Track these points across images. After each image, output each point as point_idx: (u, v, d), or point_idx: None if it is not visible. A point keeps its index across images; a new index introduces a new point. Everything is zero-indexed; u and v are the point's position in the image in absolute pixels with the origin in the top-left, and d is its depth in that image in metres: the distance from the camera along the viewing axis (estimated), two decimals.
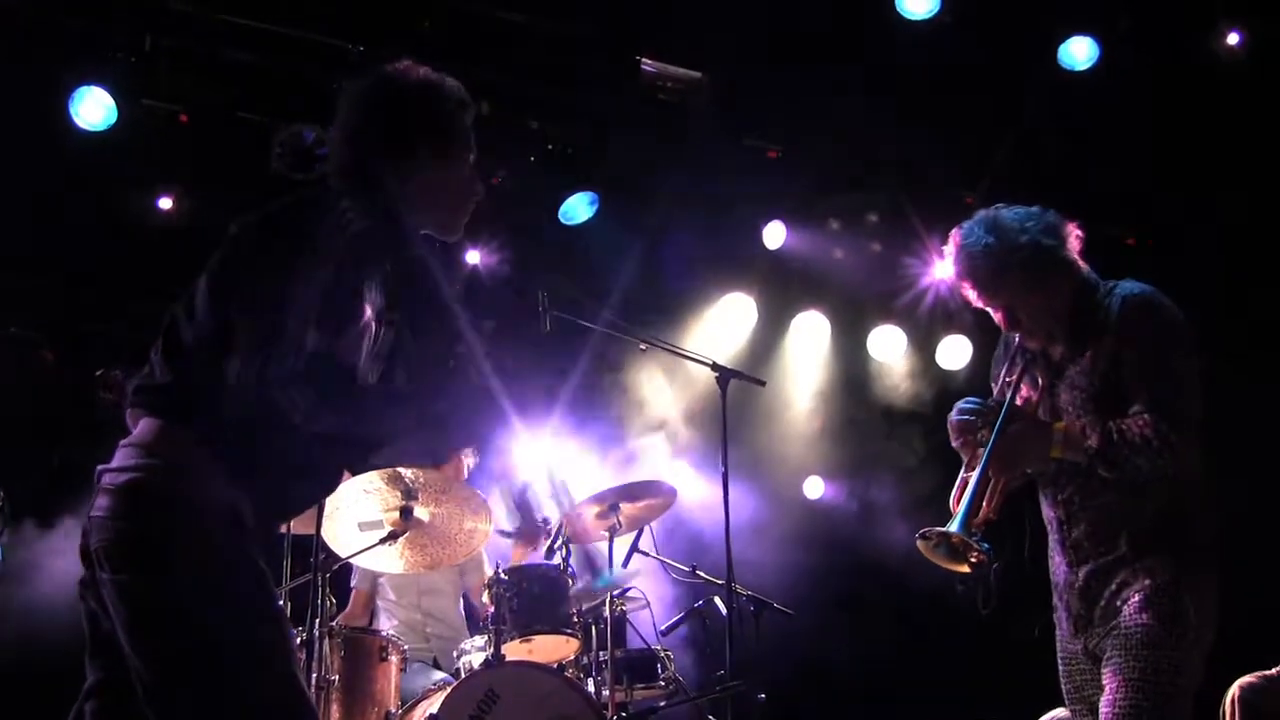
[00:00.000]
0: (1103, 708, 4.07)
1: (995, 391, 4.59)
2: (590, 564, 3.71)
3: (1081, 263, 4.38)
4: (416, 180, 3.42)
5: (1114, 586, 4.19)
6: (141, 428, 3.10)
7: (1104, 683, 4.11)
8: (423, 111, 3.47)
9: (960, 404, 4.45)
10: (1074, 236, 4.37)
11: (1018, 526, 4.54)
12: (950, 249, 4.43)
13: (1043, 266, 4.29)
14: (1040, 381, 4.46)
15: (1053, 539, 4.44)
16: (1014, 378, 4.47)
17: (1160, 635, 4.03)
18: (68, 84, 7.25)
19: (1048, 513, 4.46)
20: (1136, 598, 4.11)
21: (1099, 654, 4.20)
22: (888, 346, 10.18)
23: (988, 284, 4.35)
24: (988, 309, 4.45)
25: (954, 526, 4.22)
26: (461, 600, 7.55)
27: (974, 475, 4.27)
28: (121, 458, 3.07)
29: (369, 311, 3.14)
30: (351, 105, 3.50)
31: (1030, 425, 4.29)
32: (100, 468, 3.09)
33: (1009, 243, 4.28)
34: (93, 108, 7.28)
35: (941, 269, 9.21)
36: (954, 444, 4.44)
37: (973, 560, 4.23)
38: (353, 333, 3.09)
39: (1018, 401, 4.42)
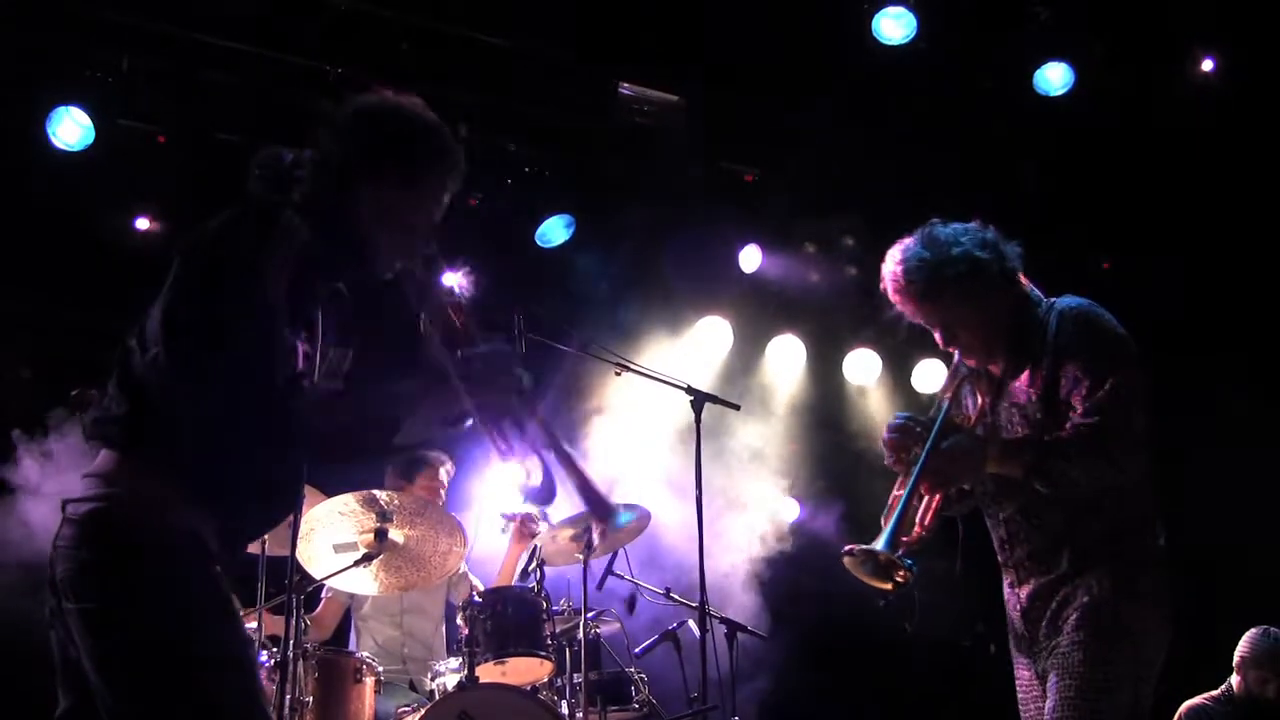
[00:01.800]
0: None
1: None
2: (599, 503, 3.54)
3: (1023, 279, 4.31)
4: (381, 203, 3.42)
5: (1055, 605, 4.12)
6: (101, 458, 3.12)
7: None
8: (398, 137, 3.47)
9: (892, 420, 4.36)
10: (1016, 256, 4.29)
11: (952, 545, 4.46)
12: (887, 266, 4.35)
13: (978, 280, 4.20)
14: (980, 399, 4.41)
15: (1000, 560, 4.37)
16: (949, 394, 4.39)
17: (1097, 651, 3.96)
18: (45, 104, 7.25)
19: (993, 534, 4.39)
20: (1074, 616, 4.05)
21: (1044, 675, 4.13)
22: (863, 370, 10.22)
23: (923, 298, 4.28)
24: (926, 325, 4.39)
25: (880, 544, 4.08)
26: (443, 624, 7.49)
27: (904, 492, 4.15)
28: (84, 488, 3.08)
29: (320, 325, 3.28)
30: (336, 125, 3.48)
31: (963, 440, 4.17)
32: (63, 498, 3.10)
33: (943, 256, 4.20)
34: (70, 128, 7.27)
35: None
36: (887, 461, 4.32)
37: (898, 579, 4.09)
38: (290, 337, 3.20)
39: (956, 418, 4.35)
